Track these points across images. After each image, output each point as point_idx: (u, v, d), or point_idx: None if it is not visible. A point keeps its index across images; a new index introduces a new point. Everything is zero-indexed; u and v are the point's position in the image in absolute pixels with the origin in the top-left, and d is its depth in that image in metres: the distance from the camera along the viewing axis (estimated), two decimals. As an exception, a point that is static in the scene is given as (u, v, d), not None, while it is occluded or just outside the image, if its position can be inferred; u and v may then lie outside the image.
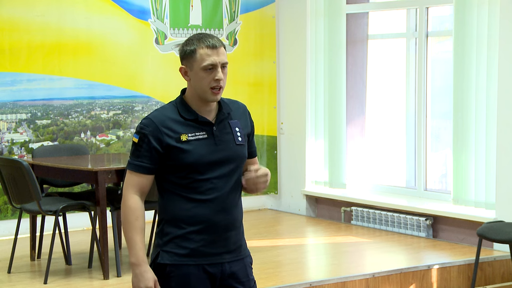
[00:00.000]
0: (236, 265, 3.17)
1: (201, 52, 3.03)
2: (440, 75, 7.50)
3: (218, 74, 3.04)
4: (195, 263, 3.08)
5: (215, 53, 3.03)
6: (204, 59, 3.03)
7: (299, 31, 8.09)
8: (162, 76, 7.87)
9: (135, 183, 3.06)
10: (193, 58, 3.05)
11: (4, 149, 7.22)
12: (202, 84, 3.06)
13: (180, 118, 3.07)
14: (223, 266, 3.13)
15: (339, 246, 6.81)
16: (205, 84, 3.05)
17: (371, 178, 7.86)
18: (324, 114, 7.83)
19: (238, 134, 3.16)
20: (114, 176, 5.71)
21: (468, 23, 6.51)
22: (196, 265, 3.08)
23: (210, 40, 3.04)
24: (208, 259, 3.10)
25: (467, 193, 6.58)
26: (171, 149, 3.04)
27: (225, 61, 3.07)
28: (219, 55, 3.04)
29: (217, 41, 3.06)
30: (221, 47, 3.06)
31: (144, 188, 3.08)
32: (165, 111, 3.09)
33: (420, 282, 5.82)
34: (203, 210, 3.08)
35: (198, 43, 3.04)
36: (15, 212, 6.98)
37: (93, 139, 7.59)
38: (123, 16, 7.66)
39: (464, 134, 6.58)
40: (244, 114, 3.25)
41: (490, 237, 5.61)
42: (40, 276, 5.74)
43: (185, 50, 3.07)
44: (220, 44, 3.06)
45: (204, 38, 3.05)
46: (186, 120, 3.07)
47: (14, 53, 7.19)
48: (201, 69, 3.04)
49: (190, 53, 3.05)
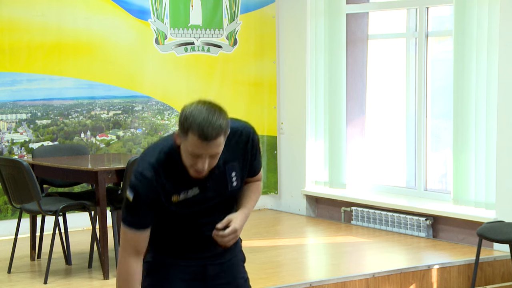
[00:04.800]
0: (220, 267, 3.10)
1: (191, 139, 2.77)
2: (440, 75, 7.50)
3: (202, 163, 2.81)
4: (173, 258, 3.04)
5: (204, 145, 2.76)
6: (191, 146, 2.78)
7: (299, 31, 8.09)
8: (162, 76, 7.87)
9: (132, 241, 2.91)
10: (184, 136, 2.80)
11: (4, 149, 7.22)
12: (186, 161, 2.85)
13: (172, 173, 2.89)
14: (205, 268, 3.06)
15: (339, 246, 6.81)
16: (188, 163, 2.85)
17: (371, 178, 7.86)
18: (324, 114, 7.83)
19: (233, 180, 3.00)
20: (114, 176, 5.70)
21: (468, 23, 6.50)
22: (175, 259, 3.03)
23: (206, 129, 2.74)
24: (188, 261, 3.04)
25: (467, 193, 6.58)
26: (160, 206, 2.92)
27: (215, 152, 2.80)
28: (209, 148, 2.77)
29: (213, 131, 2.75)
30: (215, 139, 2.76)
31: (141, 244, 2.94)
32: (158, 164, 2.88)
33: (420, 282, 5.82)
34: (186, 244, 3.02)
35: (193, 125, 2.75)
36: (15, 212, 6.98)
37: (93, 139, 7.59)
38: (123, 16, 7.66)
39: (464, 134, 6.58)
40: (246, 144, 3.02)
41: (490, 237, 5.61)
42: (40, 276, 5.74)
43: (181, 122, 2.79)
44: (216, 135, 2.76)
45: (201, 124, 2.74)
46: (178, 175, 2.89)
47: (14, 53, 7.19)
48: (187, 151, 2.81)
49: (183, 129, 2.79)
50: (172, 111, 7.93)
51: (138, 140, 7.80)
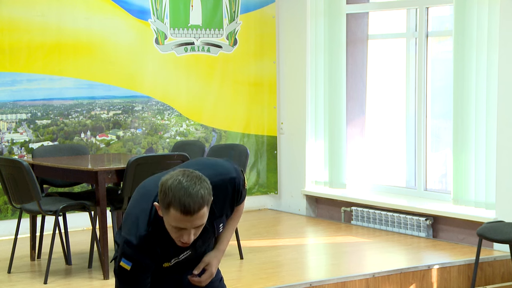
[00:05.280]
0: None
1: (173, 214, 2.67)
2: (440, 75, 7.50)
3: (186, 236, 2.73)
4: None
5: (188, 219, 2.67)
6: (174, 221, 2.69)
7: (299, 31, 8.09)
8: (162, 76, 7.87)
9: None
10: (165, 210, 2.70)
11: (4, 149, 7.22)
12: (170, 233, 2.77)
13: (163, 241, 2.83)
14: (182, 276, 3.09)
15: (339, 246, 6.81)
16: (172, 236, 2.77)
17: (371, 178, 7.87)
18: (324, 114, 7.83)
19: (220, 228, 3.00)
20: (114, 176, 5.70)
21: (468, 23, 6.51)
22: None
23: (188, 204, 2.63)
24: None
25: (467, 193, 6.58)
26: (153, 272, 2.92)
27: (200, 224, 2.71)
28: (193, 221, 2.68)
29: (195, 205, 2.65)
30: (198, 212, 2.66)
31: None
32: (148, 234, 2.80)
33: (420, 282, 5.82)
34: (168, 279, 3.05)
35: (173, 201, 2.64)
36: (15, 212, 6.98)
37: (93, 139, 7.59)
38: (123, 16, 7.66)
39: (464, 134, 6.59)
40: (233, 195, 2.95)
41: (490, 237, 5.61)
42: (40, 276, 5.74)
43: (162, 199, 2.69)
44: (199, 207, 2.65)
45: (182, 199, 2.64)
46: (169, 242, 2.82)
47: (14, 53, 7.19)
48: (170, 225, 2.73)
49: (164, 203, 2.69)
50: (172, 111, 7.93)
51: (138, 140, 7.80)
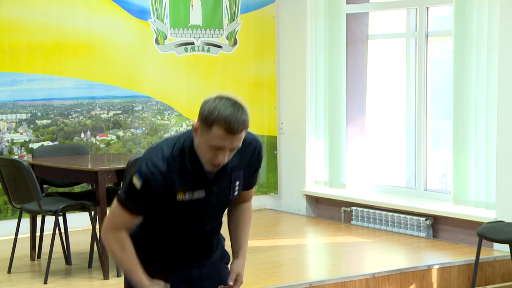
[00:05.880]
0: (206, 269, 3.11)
1: (216, 131, 2.76)
2: (440, 75, 7.50)
3: (222, 156, 2.82)
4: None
5: (229, 138, 2.78)
6: (215, 139, 2.78)
7: (299, 31, 8.09)
8: (162, 76, 7.87)
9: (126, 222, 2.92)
10: (206, 130, 2.79)
11: (4, 149, 7.22)
12: (203, 155, 2.85)
13: (184, 169, 2.87)
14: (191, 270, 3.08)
15: (339, 246, 6.81)
16: (206, 158, 2.84)
17: (371, 178, 7.86)
18: (324, 114, 7.83)
19: (236, 188, 3.01)
20: (114, 176, 5.71)
21: (468, 23, 6.51)
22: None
23: (233, 123, 2.75)
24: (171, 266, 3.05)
25: (467, 193, 6.58)
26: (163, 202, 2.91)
27: (236, 146, 2.83)
28: (233, 141, 2.79)
29: (239, 126, 2.77)
30: (240, 133, 2.78)
31: (132, 225, 2.95)
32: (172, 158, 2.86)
33: (420, 282, 5.82)
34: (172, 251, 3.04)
35: (218, 119, 2.75)
36: (15, 212, 6.98)
37: (93, 139, 7.59)
38: (123, 16, 7.66)
39: (464, 134, 6.59)
40: (253, 156, 3.02)
41: (490, 237, 5.61)
42: (40, 276, 5.74)
43: (205, 115, 2.79)
44: (241, 129, 2.78)
45: (228, 118, 2.75)
46: (190, 172, 2.88)
47: (14, 53, 7.19)
48: (208, 145, 2.81)
49: (207, 122, 2.78)
50: (172, 111, 7.93)
51: (138, 140, 7.80)
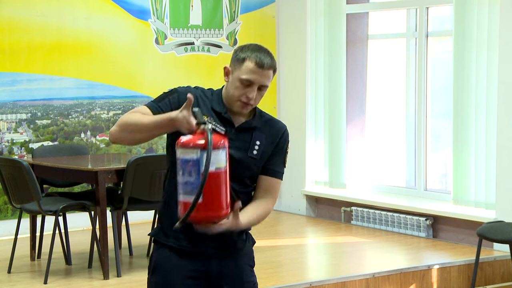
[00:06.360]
0: (227, 265, 3.13)
1: (247, 65, 2.99)
2: (440, 75, 7.50)
3: (251, 92, 2.99)
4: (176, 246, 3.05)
5: (259, 72, 2.97)
6: (246, 72, 2.98)
7: (299, 31, 8.09)
8: (162, 76, 7.87)
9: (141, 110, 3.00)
10: (238, 65, 3.01)
11: (4, 149, 7.22)
12: (234, 92, 3.01)
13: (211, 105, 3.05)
14: (209, 261, 3.09)
15: (339, 246, 6.81)
16: (236, 94, 3.00)
17: (371, 178, 7.86)
18: (324, 114, 7.83)
19: (255, 147, 3.08)
20: (114, 176, 5.70)
21: (468, 23, 6.51)
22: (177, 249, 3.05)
23: (263, 58, 2.99)
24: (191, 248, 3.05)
25: (467, 193, 6.58)
26: None
27: (265, 84, 3.00)
28: (263, 76, 2.98)
29: (269, 62, 3.00)
30: (269, 70, 2.99)
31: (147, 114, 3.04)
32: (205, 92, 3.11)
33: (420, 282, 5.82)
34: None
35: (250, 54, 3.00)
36: (15, 212, 6.98)
37: (93, 139, 7.59)
38: (123, 16, 7.66)
39: (464, 134, 6.59)
40: (277, 135, 3.13)
41: (490, 237, 5.61)
42: (40, 276, 5.74)
43: (237, 54, 3.04)
44: (270, 66, 3.00)
45: (259, 52, 3.00)
46: (214, 110, 3.05)
47: (14, 53, 7.19)
48: (239, 79, 2.99)
49: (238, 59, 3.02)
50: (172, 111, 7.92)
51: (138, 140, 7.79)
